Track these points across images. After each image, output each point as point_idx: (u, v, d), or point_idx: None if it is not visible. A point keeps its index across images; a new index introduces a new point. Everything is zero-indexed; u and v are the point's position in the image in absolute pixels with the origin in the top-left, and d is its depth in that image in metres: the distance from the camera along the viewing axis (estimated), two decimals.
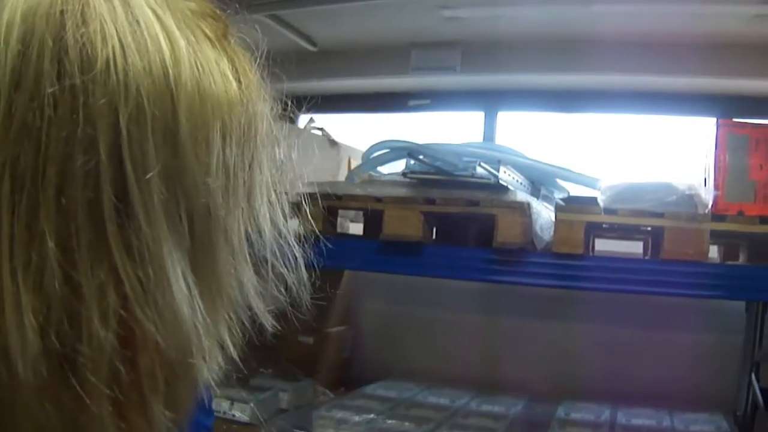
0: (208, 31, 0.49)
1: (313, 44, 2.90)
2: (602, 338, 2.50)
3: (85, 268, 0.39)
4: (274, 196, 0.54)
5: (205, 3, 0.50)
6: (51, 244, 0.38)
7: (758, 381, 2.21)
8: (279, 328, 0.57)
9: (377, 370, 2.68)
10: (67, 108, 0.39)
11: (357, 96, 3.14)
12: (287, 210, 0.58)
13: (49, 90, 0.39)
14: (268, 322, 0.55)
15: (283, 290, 0.59)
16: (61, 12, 0.40)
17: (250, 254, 0.55)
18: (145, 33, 0.42)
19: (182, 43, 0.44)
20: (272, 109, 0.54)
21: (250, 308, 0.52)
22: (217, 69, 0.47)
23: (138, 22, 0.43)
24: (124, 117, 0.40)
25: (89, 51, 0.40)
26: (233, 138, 0.47)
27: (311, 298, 0.65)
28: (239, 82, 0.49)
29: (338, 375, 2.64)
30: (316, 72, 2.99)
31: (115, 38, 0.41)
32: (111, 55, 0.40)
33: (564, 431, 2.06)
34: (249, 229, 0.52)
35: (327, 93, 3.19)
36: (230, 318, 0.50)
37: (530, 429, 2.13)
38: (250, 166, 0.50)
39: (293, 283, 0.59)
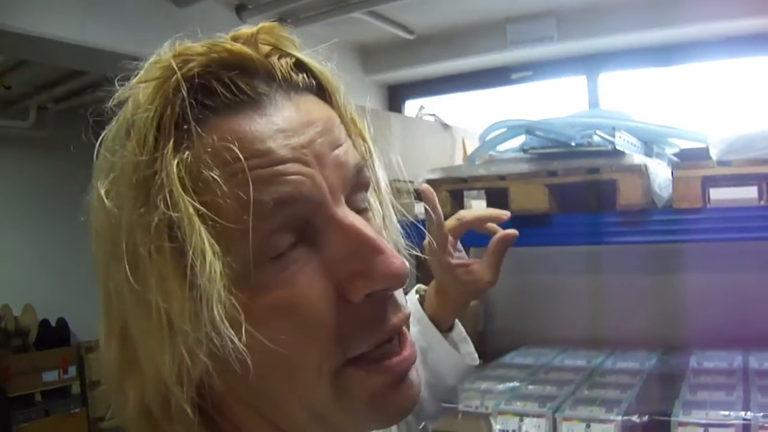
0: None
1: (411, 33, 3.10)
2: (724, 286, 2.61)
3: None
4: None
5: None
6: None
7: None
8: None
9: (511, 340, 2.85)
10: None
11: (459, 76, 3.32)
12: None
13: None
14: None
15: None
16: None
17: None
18: None
19: None
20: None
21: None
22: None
23: None
24: None
25: None
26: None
27: None
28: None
29: (476, 347, 2.81)
30: (417, 59, 3.20)
31: None
32: None
33: (699, 380, 2.16)
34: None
35: (430, 78, 3.40)
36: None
37: (666, 381, 2.23)
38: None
39: None
